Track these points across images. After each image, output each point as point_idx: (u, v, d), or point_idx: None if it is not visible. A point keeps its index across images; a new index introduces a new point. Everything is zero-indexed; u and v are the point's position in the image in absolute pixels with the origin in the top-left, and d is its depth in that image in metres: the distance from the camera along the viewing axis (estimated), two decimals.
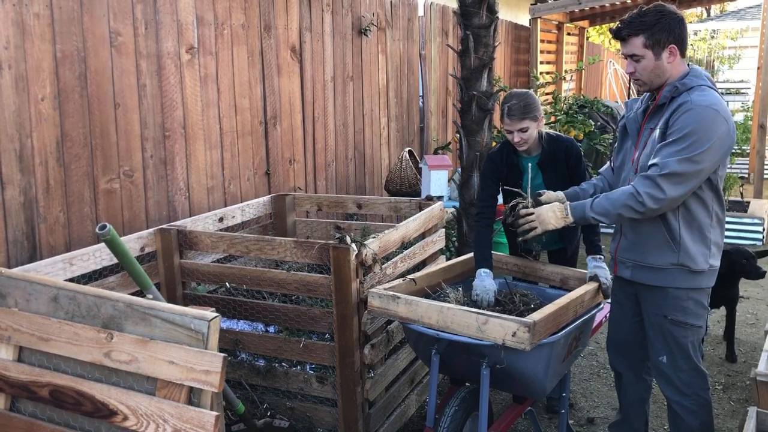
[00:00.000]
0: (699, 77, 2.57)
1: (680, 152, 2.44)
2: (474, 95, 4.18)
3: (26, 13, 2.96)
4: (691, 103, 2.47)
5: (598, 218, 2.65)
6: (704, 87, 2.53)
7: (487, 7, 4.16)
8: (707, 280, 2.69)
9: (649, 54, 2.54)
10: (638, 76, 2.61)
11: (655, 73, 2.57)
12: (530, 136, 3.25)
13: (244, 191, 4.36)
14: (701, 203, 2.60)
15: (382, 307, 2.69)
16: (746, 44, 17.90)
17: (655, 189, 2.47)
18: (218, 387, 1.88)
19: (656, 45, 2.52)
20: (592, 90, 12.66)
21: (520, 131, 3.23)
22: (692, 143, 2.43)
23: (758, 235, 7.09)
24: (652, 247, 2.66)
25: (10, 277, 2.20)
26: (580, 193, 2.98)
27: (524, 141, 3.26)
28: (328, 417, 3.10)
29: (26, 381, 2.12)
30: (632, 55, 2.57)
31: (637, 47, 2.55)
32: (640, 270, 2.73)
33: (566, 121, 7.25)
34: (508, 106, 3.23)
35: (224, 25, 4.12)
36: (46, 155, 3.09)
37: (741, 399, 3.85)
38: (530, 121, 3.21)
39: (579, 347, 2.86)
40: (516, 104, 3.20)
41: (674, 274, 2.64)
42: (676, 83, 2.55)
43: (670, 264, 2.64)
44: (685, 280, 2.64)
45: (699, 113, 2.44)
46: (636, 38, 2.54)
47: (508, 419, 2.93)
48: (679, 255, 2.61)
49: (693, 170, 2.45)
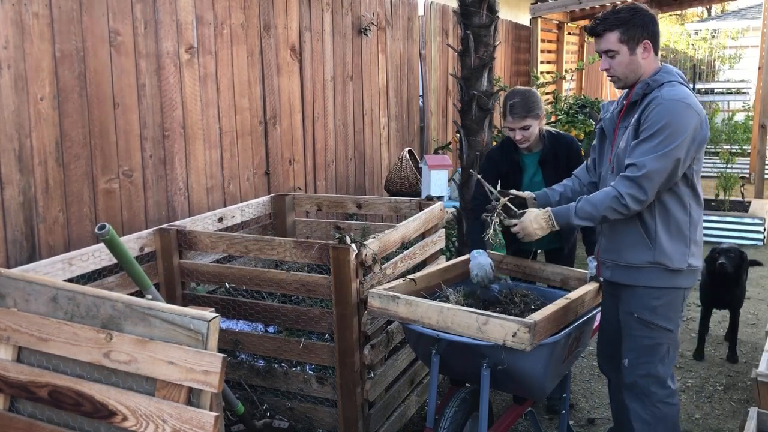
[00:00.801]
0: (670, 73, 2.58)
1: (656, 148, 2.44)
2: (474, 95, 4.17)
3: (25, 13, 2.96)
4: (662, 98, 2.49)
5: (583, 223, 2.63)
6: (675, 83, 2.54)
7: (488, 7, 4.15)
8: (686, 280, 2.63)
9: (624, 49, 2.56)
10: (613, 72, 2.63)
11: (630, 68, 2.59)
12: (532, 134, 3.25)
13: (243, 191, 4.35)
14: (677, 200, 2.58)
15: (382, 308, 2.68)
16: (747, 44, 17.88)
17: (636, 189, 2.46)
18: (218, 387, 1.87)
19: (631, 40, 2.55)
20: (593, 90, 12.65)
21: (522, 129, 3.22)
22: (666, 137, 2.44)
23: (759, 235, 7.09)
24: (628, 246, 2.63)
25: (9, 278, 2.19)
26: (550, 194, 2.97)
27: (526, 139, 3.25)
28: (328, 417, 3.09)
29: (25, 381, 2.11)
30: (608, 50, 2.60)
31: (612, 42, 2.57)
32: (618, 270, 2.69)
33: (567, 121, 7.24)
34: (510, 103, 3.22)
35: (224, 25, 4.11)
36: (45, 155, 3.08)
37: (742, 399, 3.85)
38: (532, 119, 3.21)
39: (579, 348, 2.86)
40: (519, 102, 3.19)
41: (651, 273, 2.60)
42: (648, 80, 2.57)
43: (646, 262, 2.59)
44: (662, 279, 2.59)
45: (669, 107, 2.45)
46: (611, 33, 2.57)
47: (509, 420, 2.92)
48: (655, 253, 2.57)
49: (671, 165, 2.45)
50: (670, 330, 2.63)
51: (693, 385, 4.03)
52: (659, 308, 2.61)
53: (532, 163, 3.36)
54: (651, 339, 2.62)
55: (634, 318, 2.64)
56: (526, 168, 3.38)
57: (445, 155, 5.91)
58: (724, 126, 10.96)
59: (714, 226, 7.11)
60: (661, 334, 2.62)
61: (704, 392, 3.94)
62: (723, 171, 8.00)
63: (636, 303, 2.64)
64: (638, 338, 2.65)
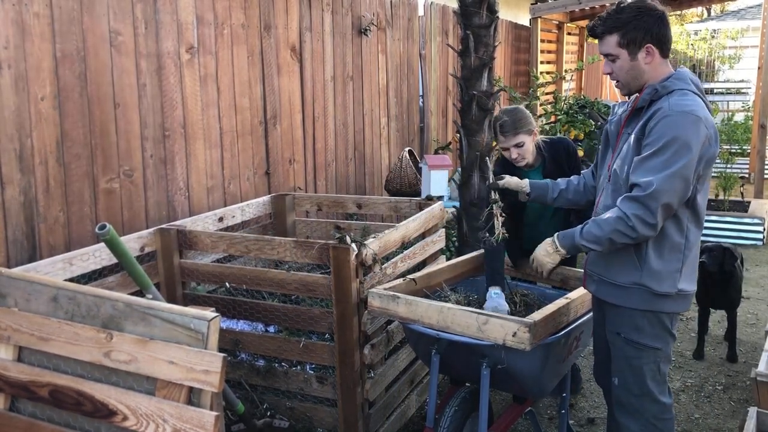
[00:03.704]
0: (683, 80, 2.36)
1: (663, 165, 2.24)
2: (474, 95, 4.18)
3: (26, 13, 2.96)
4: (669, 108, 2.27)
5: (590, 246, 2.42)
6: (686, 91, 2.32)
7: (488, 7, 4.15)
8: (674, 305, 2.44)
9: (624, 54, 2.37)
10: (616, 77, 2.45)
11: (631, 74, 2.40)
12: (527, 151, 3.26)
13: (243, 191, 4.35)
14: (675, 221, 2.37)
15: (382, 307, 2.69)
16: (747, 44, 17.87)
17: (643, 211, 2.26)
18: (218, 387, 1.87)
19: (631, 44, 2.34)
20: (593, 90, 12.65)
21: (516, 147, 3.24)
22: (673, 154, 2.23)
23: (758, 235, 7.09)
24: (615, 262, 2.46)
25: (9, 277, 2.19)
26: (550, 185, 2.87)
27: (522, 157, 3.27)
28: (328, 417, 3.10)
29: (26, 381, 2.12)
30: (608, 54, 2.41)
31: (611, 46, 2.38)
32: (603, 285, 2.53)
33: (566, 121, 7.25)
34: (500, 123, 3.24)
35: (224, 25, 4.12)
36: (45, 155, 3.08)
37: (741, 399, 3.85)
38: (525, 135, 3.23)
39: (579, 347, 2.86)
40: (508, 121, 3.22)
41: (635, 294, 2.42)
42: (657, 85, 2.35)
43: (632, 283, 2.41)
44: (647, 302, 2.41)
45: (676, 120, 2.24)
46: (610, 36, 2.37)
47: (508, 419, 2.92)
48: (642, 274, 2.39)
49: (680, 186, 2.26)
50: (659, 348, 2.46)
51: (692, 384, 4.03)
52: (646, 328, 2.44)
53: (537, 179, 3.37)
54: (638, 359, 2.46)
55: (621, 338, 2.49)
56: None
57: (445, 155, 5.91)
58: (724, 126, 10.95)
59: (713, 226, 7.11)
60: (650, 353, 2.46)
61: (704, 392, 3.94)
62: (723, 171, 8.00)
63: (621, 323, 2.48)
64: (626, 358, 2.50)
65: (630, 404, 2.52)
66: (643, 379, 2.47)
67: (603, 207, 2.51)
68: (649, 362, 2.47)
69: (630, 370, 2.49)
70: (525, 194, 2.91)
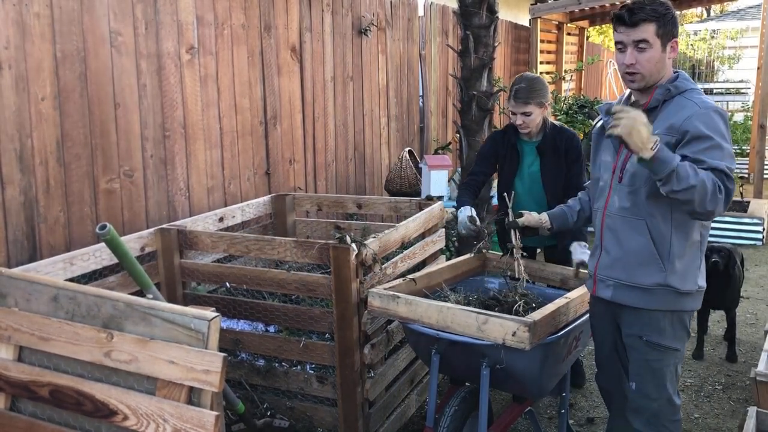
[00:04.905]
0: (690, 81, 2.44)
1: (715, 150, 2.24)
2: (474, 95, 4.18)
3: (26, 13, 2.97)
4: (703, 105, 2.31)
5: (677, 172, 2.13)
6: (699, 90, 2.40)
7: (487, 7, 4.16)
8: (693, 302, 2.46)
9: (658, 44, 2.34)
10: (639, 68, 2.35)
11: (657, 66, 2.37)
12: (533, 121, 3.28)
13: (244, 191, 4.36)
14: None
15: (382, 307, 2.69)
16: (746, 44, 17.89)
17: (731, 183, 2.21)
18: (218, 387, 1.88)
19: (665, 36, 2.35)
20: (592, 90, 12.65)
21: (523, 114, 3.26)
22: (718, 142, 2.26)
23: (758, 235, 7.09)
24: (637, 264, 2.42)
25: (10, 277, 2.20)
26: (567, 211, 2.87)
27: (526, 125, 3.29)
28: (328, 417, 3.10)
29: (26, 381, 2.12)
30: (642, 40, 2.32)
31: (650, 34, 2.32)
32: (622, 290, 2.48)
33: (566, 121, 7.26)
34: (516, 88, 3.26)
35: (224, 25, 4.12)
36: (46, 155, 3.09)
37: (741, 399, 3.85)
38: (535, 106, 3.24)
39: (579, 347, 2.86)
40: (523, 87, 3.24)
41: (660, 296, 2.41)
42: (668, 86, 2.38)
43: (655, 284, 2.40)
44: (670, 302, 2.42)
45: (712, 116, 2.29)
46: (649, 24, 2.32)
47: (508, 419, 2.93)
48: (667, 274, 2.39)
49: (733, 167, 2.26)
50: (678, 349, 2.48)
51: (692, 384, 4.04)
52: (667, 329, 2.44)
53: (531, 151, 3.40)
54: (660, 361, 2.46)
55: (642, 341, 2.46)
56: (524, 155, 3.41)
57: (445, 155, 5.92)
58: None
59: (713, 225, 7.08)
60: (670, 354, 2.46)
61: (703, 391, 3.95)
62: None
63: (643, 325, 2.46)
64: (646, 361, 2.47)
65: (647, 408, 2.50)
66: (663, 382, 2.47)
67: (620, 209, 2.46)
68: (669, 364, 2.47)
69: (650, 373, 2.48)
70: (546, 229, 2.87)
